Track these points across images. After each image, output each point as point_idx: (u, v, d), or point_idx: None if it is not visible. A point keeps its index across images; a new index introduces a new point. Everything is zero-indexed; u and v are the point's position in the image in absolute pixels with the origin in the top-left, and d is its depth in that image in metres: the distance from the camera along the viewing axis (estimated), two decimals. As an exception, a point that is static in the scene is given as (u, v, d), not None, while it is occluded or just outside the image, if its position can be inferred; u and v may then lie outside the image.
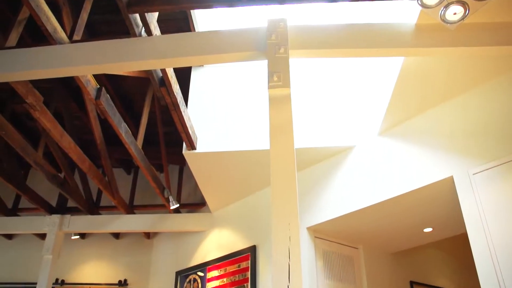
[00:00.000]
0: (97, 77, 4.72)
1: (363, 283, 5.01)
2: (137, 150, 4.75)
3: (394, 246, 5.40)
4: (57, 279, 7.15)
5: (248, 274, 5.03)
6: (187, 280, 6.05)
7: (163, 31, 3.50)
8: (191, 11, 4.37)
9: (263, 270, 4.92)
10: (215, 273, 5.57)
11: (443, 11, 2.51)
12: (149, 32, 3.30)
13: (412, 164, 3.89)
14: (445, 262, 6.54)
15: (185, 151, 4.77)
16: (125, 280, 7.01)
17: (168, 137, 6.25)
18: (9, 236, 7.77)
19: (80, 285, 7.09)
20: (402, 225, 4.71)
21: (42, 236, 7.39)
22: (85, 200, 6.44)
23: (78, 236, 7.29)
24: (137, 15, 3.27)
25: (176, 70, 4.07)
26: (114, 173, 5.89)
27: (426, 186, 3.75)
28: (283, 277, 2.12)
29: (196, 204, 6.70)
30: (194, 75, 5.19)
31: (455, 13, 2.51)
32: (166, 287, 6.51)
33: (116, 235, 7.41)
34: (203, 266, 5.83)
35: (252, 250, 5.12)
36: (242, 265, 5.19)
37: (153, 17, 3.36)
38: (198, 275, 5.88)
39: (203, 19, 4.61)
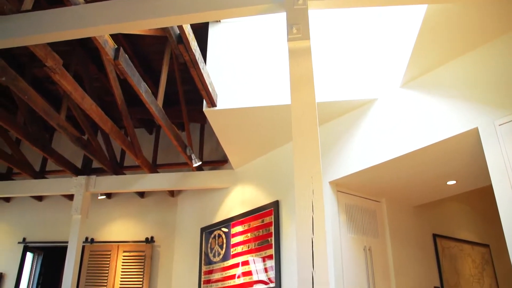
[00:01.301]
0: (114, 37, 4.70)
1: (386, 236, 5.05)
2: (158, 109, 4.77)
3: (417, 199, 5.39)
4: (86, 238, 7.40)
5: (272, 228, 5.11)
6: (212, 236, 6.18)
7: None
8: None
9: (286, 225, 4.99)
10: (239, 228, 5.67)
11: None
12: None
13: (435, 116, 3.81)
14: (468, 215, 6.52)
15: (205, 109, 4.76)
16: (152, 237, 7.21)
17: (188, 96, 6.25)
18: (39, 198, 8.03)
19: (109, 243, 7.32)
20: (425, 178, 4.68)
21: (70, 197, 7.61)
22: (109, 161, 6.55)
23: (105, 196, 7.48)
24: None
25: (193, 28, 4.01)
26: (136, 133, 5.96)
27: (450, 138, 3.68)
28: (307, 230, 2.14)
29: (219, 161, 6.76)
30: (212, 32, 5.12)
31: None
32: (191, 243, 6.68)
33: (141, 194, 7.58)
34: (227, 222, 5.94)
35: (275, 205, 5.18)
36: (266, 220, 5.26)
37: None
38: (222, 230, 6.00)
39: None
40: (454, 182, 4.82)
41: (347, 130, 4.65)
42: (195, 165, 6.03)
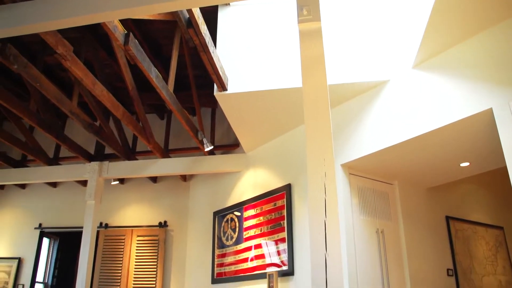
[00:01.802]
0: (124, 23, 4.69)
1: (398, 218, 5.04)
2: (169, 94, 4.77)
3: (429, 181, 5.36)
4: (101, 223, 7.50)
5: (284, 212, 5.13)
6: (225, 219, 6.23)
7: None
8: None
9: (298, 208, 5.00)
10: (251, 212, 5.70)
11: None
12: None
13: (448, 97, 3.76)
14: (482, 197, 6.48)
15: (216, 93, 4.76)
16: (165, 222, 7.28)
17: (199, 80, 6.24)
18: (54, 184, 8.14)
19: (123, 228, 7.41)
20: (438, 160, 4.65)
21: (84, 183, 7.69)
22: (121, 147, 6.59)
23: (118, 182, 7.55)
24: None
25: (202, 12, 3.99)
26: (148, 119, 5.97)
27: (464, 119, 3.64)
28: (320, 212, 2.15)
29: (230, 145, 6.77)
30: (221, 16, 5.09)
31: None
32: (204, 227, 6.73)
33: (154, 179, 7.63)
34: (240, 206, 5.97)
35: (287, 188, 5.19)
36: (278, 204, 5.28)
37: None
38: (235, 214, 6.04)
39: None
40: (467, 164, 4.78)
41: (359, 112, 4.62)
42: (206, 149, 6.05)
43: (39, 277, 8.44)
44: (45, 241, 8.69)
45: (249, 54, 4.84)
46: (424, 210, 5.38)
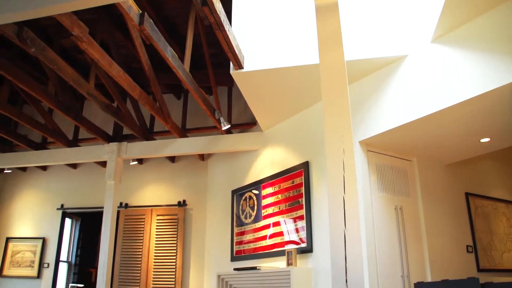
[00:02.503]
0: (138, 3, 4.67)
1: (417, 195, 5.01)
2: (185, 74, 4.77)
3: (449, 157, 5.30)
4: (121, 203, 7.62)
5: (302, 189, 5.14)
6: (243, 198, 6.27)
7: None
8: None
9: (316, 185, 5.00)
10: (269, 190, 5.73)
11: None
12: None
13: (468, 72, 3.68)
14: (502, 173, 6.39)
15: (232, 71, 4.73)
16: (184, 201, 7.36)
17: (215, 59, 6.22)
18: (74, 166, 8.28)
19: (142, 207, 7.52)
20: (457, 136, 4.58)
21: (103, 163, 7.80)
22: (139, 127, 6.64)
23: (136, 162, 7.64)
24: None
25: (217, -10, 3.95)
26: (165, 99, 5.99)
27: (484, 94, 3.56)
28: (338, 189, 2.14)
29: (247, 124, 6.77)
30: (236, -7, 5.04)
31: None
32: (223, 206, 6.79)
33: (172, 159, 7.70)
34: (258, 184, 6.00)
35: (305, 166, 5.19)
36: (296, 181, 5.29)
37: None
38: (253, 192, 6.07)
39: None
40: (487, 139, 4.70)
41: (376, 88, 4.56)
42: (224, 128, 6.06)
43: (63, 256, 8.66)
44: (67, 221, 8.88)
45: (265, 31, 4.79)
46: (443, 186, 5.34)
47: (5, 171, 8.45)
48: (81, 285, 9.76)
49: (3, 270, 8.05)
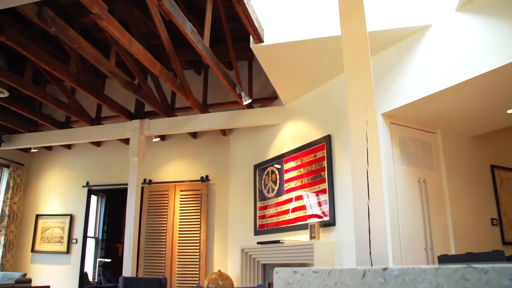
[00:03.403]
0: (156, -22, 4.63)
1: (441, 168, 4.95)
2: (205, 49, 4.75)
3: (474, 129, 5.20)
4: (145, 179, 7.73)
5: (324, 163, 5.13)
6: (265, 172, 6.29)
7: None
8: None
9: (339, 159, 4.98)
10: (291, 164, 5.73)
11: None
12: None
13: (493, 41, 3.57)
14: (529, 144, 6.25)
15: (252, 45, 4.69)
16: (207, 176, 7.43)
17: (234, 33, 6.17)
18: (98, 144, 8.40)
19: (166, 183, 7.62)
20: (483, 107, 4.48)
21: (126, 141, 7.90)
22: (160, 104, 6.68)
23: (159, 139, 7.71)
24: None
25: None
26: (185, 75, 5.99)
27: (510, 64, 3.46)
28: (362, 161, 2.13)
29: (268, 98, 6.74)
30: (254, -35, 4.95)
31: None
32: (245, 180, 6.84)
33: (194, 135, 7.74)
34: (280, 158, 6.00)
35: (327, 139, 5.16)
36: (318, 155, 5.27)
37: None
38: (275, 167, 6.09)
39: None
40: (514, 109, 4.60)
41: (400, 59, 4.47)
42: (245, 103, 6.05)
43: (90, 232, 8.89)
44: (93, 198, 9.08)
45: (284, 3, 4.72)
46: (468, 159, 5.26)
47: (31, 151, 8.64)
48: (109, 260, 10.03)
49: (35, 245, 8.32)
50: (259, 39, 4.61)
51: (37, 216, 8.49)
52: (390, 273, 0.75)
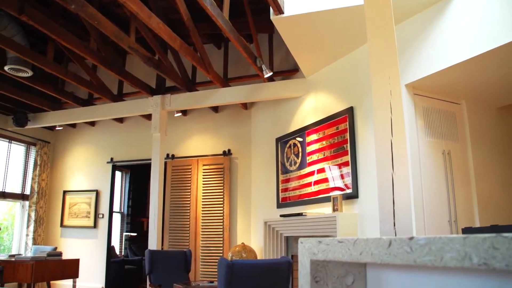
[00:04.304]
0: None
1: (466, 140, 4.86)
2: (225, 22, 4.70)
3: (500, 100, 5.06)
4: (167, 154, 7.81)
5: (347, 135, 5.08)
6: (287, 145, 6.28)
7: None
8: None
9: (361, 131, 4.93)
10: (314, 136, 5.70)
11: None
12: None
13: (525, 4, 3.44)
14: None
15: (272, 17, 4.63)
16: (229, 150, 7.46)
17: (254, 6, 6.09)
18: (120, 120, 8.50)
19: (189, 158, 7.69)
20: (510, 76, 4.35)
21: (148, 117, 7.98)
22: (181, 78, 6.68)
23: (181, 114, 7.74)
24: None
25: None
26: (205, 49, 5.96)
27: (542, 28, 3.34)
28: (386, 131, 2.10)
29: (289, 71, 6.67)
30: None
31: None
32: (267, 154, 6.84)
33: (215, 109, 7.75)
34: (302, 131, 5.97)
35: (350, 111, 5.10)
36: (340, 127, 5.23)
37: None
38: (297, 140, 6.07)
39: None
40: (544, 78, 4.45)
41: (424, 28, 4.35)
42: (266, 76, 6.01)
43: (116, 207, 9.07)
44: (118, 174, 9.24)
45: (304, -26, 4.62)
46: (494, 130, 5.14)
47: (56, 128, 8.80)
48: (134, 234, 10.26)
49: (63, 220, 8.56)
50: (279, 11, 4.53)
51: (64, 192, 8.70)
52: (417, 242, 0.74)
